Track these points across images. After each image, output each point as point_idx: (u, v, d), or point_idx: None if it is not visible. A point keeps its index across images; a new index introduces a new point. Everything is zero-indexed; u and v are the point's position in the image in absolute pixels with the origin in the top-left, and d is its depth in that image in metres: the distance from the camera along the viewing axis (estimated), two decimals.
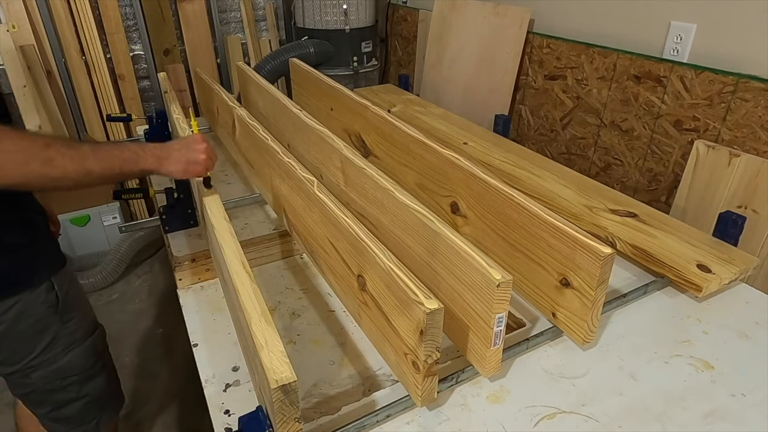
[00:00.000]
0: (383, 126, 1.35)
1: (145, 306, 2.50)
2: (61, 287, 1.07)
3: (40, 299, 1.03)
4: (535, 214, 0.92)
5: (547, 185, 1.38)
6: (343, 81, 2.31)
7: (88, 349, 1.15)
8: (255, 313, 0.73)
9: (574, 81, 1.93)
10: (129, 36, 2.83)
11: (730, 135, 1.49)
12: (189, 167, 1.02)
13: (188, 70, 3.01)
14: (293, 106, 1.37)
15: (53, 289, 1.05)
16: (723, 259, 1.10)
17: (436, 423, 0.81)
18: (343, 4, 2.59)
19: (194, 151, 1.02)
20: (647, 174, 1.76)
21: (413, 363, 0.77)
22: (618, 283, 1.13)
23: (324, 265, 1.08)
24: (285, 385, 0.62)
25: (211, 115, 1.89)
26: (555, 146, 2.09)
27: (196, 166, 1.03)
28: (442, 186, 1.16)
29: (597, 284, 0.84)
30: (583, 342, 0.92)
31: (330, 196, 0.99)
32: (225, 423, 0.81)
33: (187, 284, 1.16)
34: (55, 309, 1.06)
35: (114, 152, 0.92)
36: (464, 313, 0.84)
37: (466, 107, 2.29)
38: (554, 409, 0.83)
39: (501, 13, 2.11)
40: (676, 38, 1.60)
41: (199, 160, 1.02)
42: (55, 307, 1.06)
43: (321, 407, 0.85)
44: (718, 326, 1.00)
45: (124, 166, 0.93)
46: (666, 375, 0.89)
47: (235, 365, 0.93)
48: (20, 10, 2.48)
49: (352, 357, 0.95)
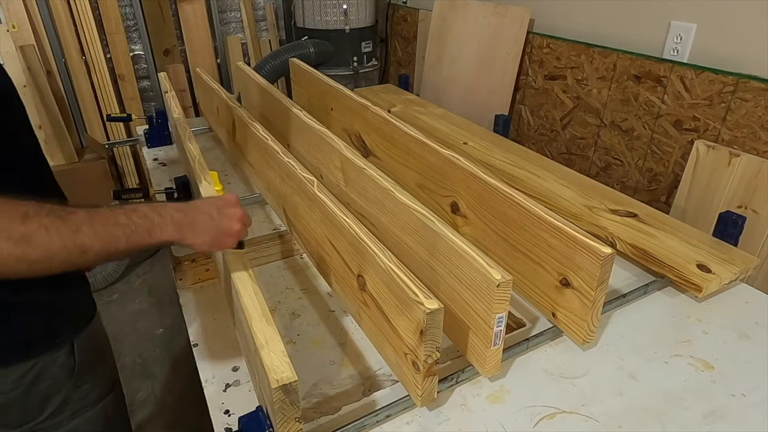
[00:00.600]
0: (383, 126, 1.35)
1: (145, 306, 2.50)
2: (81, 350, 0.92)
3: (58, 362, 0.88)
4: (535, 214, 0.92)
5: (547, 185, 1.38)
6: (343, 81, 2.31)
7: (98, 414, 0.99)
8: (255, 313, 0.73)
9: (574, 81, 1.93)
10: (129, 36, 2.83)
11: (730, 135, 1.49)
12: (220, 238, 0.79)
13: (188, 70, 3.01)
14: (293, 106, 1.37)
15: (73, 353, 0.90)
16: (723, 259, 1.11)
17: (436, 423, 0.81)
18: (343, 4, 2.59)
19: (227, 217, 0.80)
20: (647, 174, 1.76)
21: (413, 363, 0.77)
22: (618, 283, 1.13)
23: (324, 265, 1.08)
24: (286, 384, 0.62)
25: (211, 115, 1.89)
26: (555, 146, 2.09)
27: (228, 238, 0.80)
28: (442, 186, 1.16)
29: (597, 284, 0.84)
30: (583, 342, 0.92)
31: (330, 196, 0.99)
32: (225, 423, 0.81)
33: (187, 284, 1.16)
34: (71, 373, 0.91)
35: (119, 220, 0.69)
36: (464, 313, 0.84)
37: (466, 107, 2.29)
38: (554, 409, 0.83)
39: (501, 13, 2.11)
40: (676, 38, 1.60)
41: (232, 230, 0.80)
42: (71, 371, 0.91)
43: (321, 407, 0.85)
44: (718, 326, 1.00)
45: (133, 239, 0.70)
46: (666, 375, 0.89)
47: (235, 365, 0.93)
48: (20, 10, 2.48)
49: (352, 357, 0.95)
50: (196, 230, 0.77)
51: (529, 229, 0.95)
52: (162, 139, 1.83)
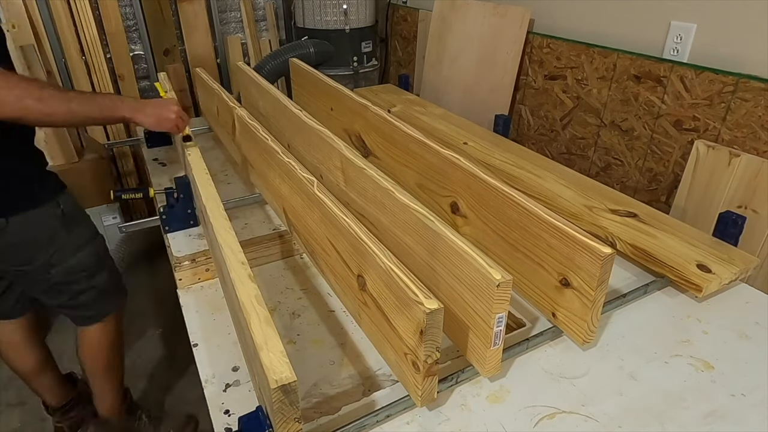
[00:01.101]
0: (383, 126, 1.35)
1: (145, 306, 2.50)
2: (65, 204, 1.33)
3: (49, 213, 1.30)
4: (535, 214, 0.92)
5: (547, 185, 1.38)
6: (343, 81, 2.31)
7: (92, 251, 1.42)
8: (255, 313, 0.73)
9: (574, 81, 1.93)
10: (129, 36, 2.83)
11: (730, 135, 1.49)
12: (161, 121, 1.30)
13: (188, 70, 3.01)
14: (293, 106, 1.37)
15: (59, 206, 1.32)
16: (723, 259, 1.10)
17: (436, 423, 0.81)
18: (343, 4, 2.59)
19: (167, 109, 1.31)
20: (647, 174, 1.76)
21: (413, 363, 0.77)
22: (618, 283, 1.13)
23: (324, 265, 1.08)
24: (285, 385, 0.62)
25: (211, 115, 1.89)
26: (555, 146, 2.09)
27: (167, 122, 1.31)
28: (442, 186, 1.16)
29: (597, 284, 0.84)
30: (583, 342, 0.92)
31: (330, 196, 0.99)
32: (225, 423, 0.81)
33: (187, 284, 1.16)
34: (62, 221, 1.32)
35: (96, 99, 1.21)
36: (464, 313, 0.84)
37: (466, 107, 2.29)
38: (554, 409, 0.83)
39: (501, 13, 2.11)
40: (676, 38, 1.60)
41: (170, 117, 1.31)
42: (61, 219, 1.32)
43: (321, 407, 0.85)
44: (718, 326, 1.00)
45: (104, 111, 1.20)
46: (666, 375, 0.89)
47: (235, 365, 0.93)
48: (20, 10, 2.48)
49: (352, 357, 0.95)
50: (144, 113, 1.27)
51: (529, 229, 0.95)
52: (162, 139, 1.84)
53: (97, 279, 1.45)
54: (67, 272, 1.37)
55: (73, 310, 1.48)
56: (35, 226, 1.28)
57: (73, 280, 1.40)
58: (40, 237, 1.30)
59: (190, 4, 2.89)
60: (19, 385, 1.99)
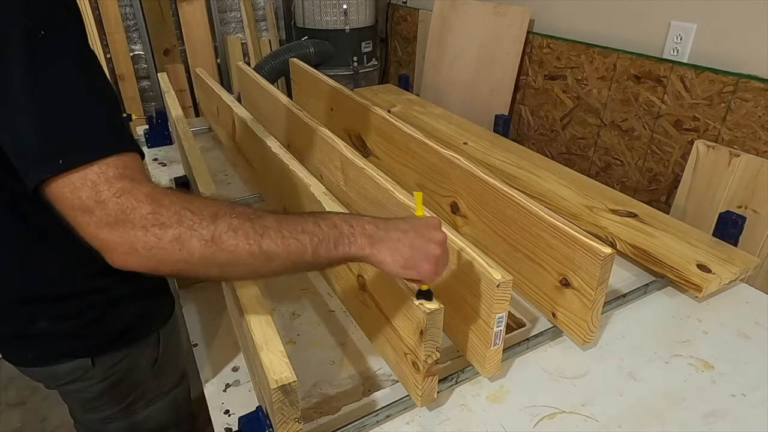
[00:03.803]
0: (383, 126, 1.35)
1: None
2: (164, 341, 0.93)
3: (146, 353, 0.90)
4: (535, 214, 0.92)
5: (547, 185, 1.38)
6: (343, 81, 2.31)
7: (170, 403, 1.00)
8: (255, 313, 0.73)
9: (574, 81, 1.93)
10: (129, 36, 2.83)
11: (730, 135, 1.49)
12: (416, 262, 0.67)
13: (188, 70, 3.01)
14: (293, 106, 1.37)
15: (158, 345, 0.91)
16: (723, 259, 1.10)
17: (436, 423, 0.81)
18: (343, 4, 2.59)
19: (426, 239, 0.68)
20: (647, 174, 1.76)
21: (413, 363, 0.77)
22: (618, 283, 1.12)
23: None
24: (285, 385, 0.62)
25: (211, 115, 1.89)
26: (555, 146, 2.09)
27: (425, 263, 0.67)
28: (442, 186, 1.16)
29: (597, 284, 0.84)
30: (583, 342, 0.92)
31: (330, 196, 0.99)
32: (225, 423, 0.81)
33: (187, 284, 1.16)
34: (154, 364, 0.92)
35: (306, 227, 0.63)
36: (464, 313, 0.84)
37: (466, 107, 2.29)
38: (554, 409, 0.83)
39: (501, 13, 2.11)
40: (676, 38, 1.60)
41: (430, 254, 0.67)
42: (154, 362, 0.92)
43: (321, 407, 0.85)
44: (718, 326, 1.00)
45: (319, 249, 0.63)
46: (666, 375, 0.89)
47: (235, 365, 0.93)
48: None
49: (352, 357, 0.95)
50: (389, 247, 0.66)
51: (529, 229, 0.95)
52: (162, 139, 1.83)
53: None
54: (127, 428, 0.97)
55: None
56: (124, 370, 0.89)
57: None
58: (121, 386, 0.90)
59: (190, 4, 2.89)
60: (19, 385, 1.99)
